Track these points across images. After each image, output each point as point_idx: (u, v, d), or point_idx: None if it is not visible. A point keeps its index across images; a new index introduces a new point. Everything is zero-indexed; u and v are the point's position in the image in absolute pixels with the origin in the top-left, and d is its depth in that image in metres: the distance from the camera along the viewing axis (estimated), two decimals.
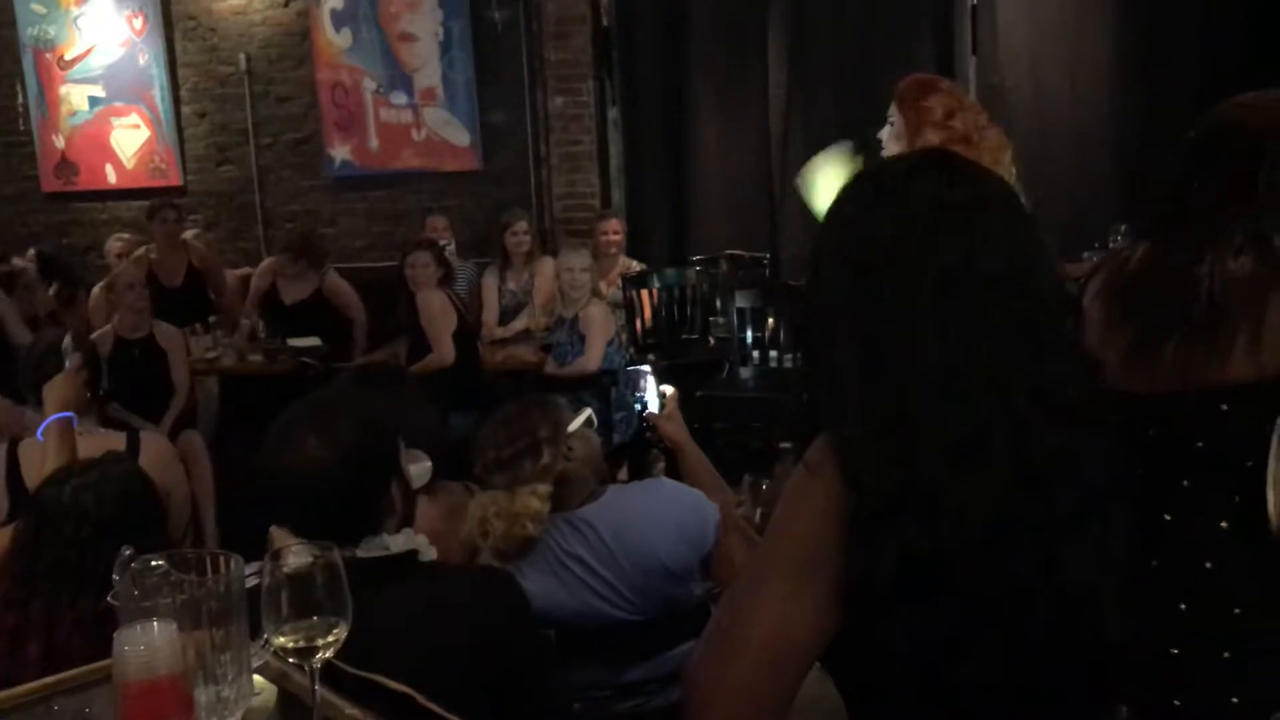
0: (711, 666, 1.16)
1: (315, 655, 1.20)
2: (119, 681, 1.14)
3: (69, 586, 1.90)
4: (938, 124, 3.23)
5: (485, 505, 2.33)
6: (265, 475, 1.69)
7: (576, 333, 5.07)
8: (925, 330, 1.11)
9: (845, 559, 1.10)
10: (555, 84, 6.67)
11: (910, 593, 1.08)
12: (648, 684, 2.38)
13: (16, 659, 1.88)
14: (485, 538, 2.31)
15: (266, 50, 7.24)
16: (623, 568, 2.32)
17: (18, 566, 1.96)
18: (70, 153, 7.62)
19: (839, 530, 1.10)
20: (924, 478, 1.08)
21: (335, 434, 1.67)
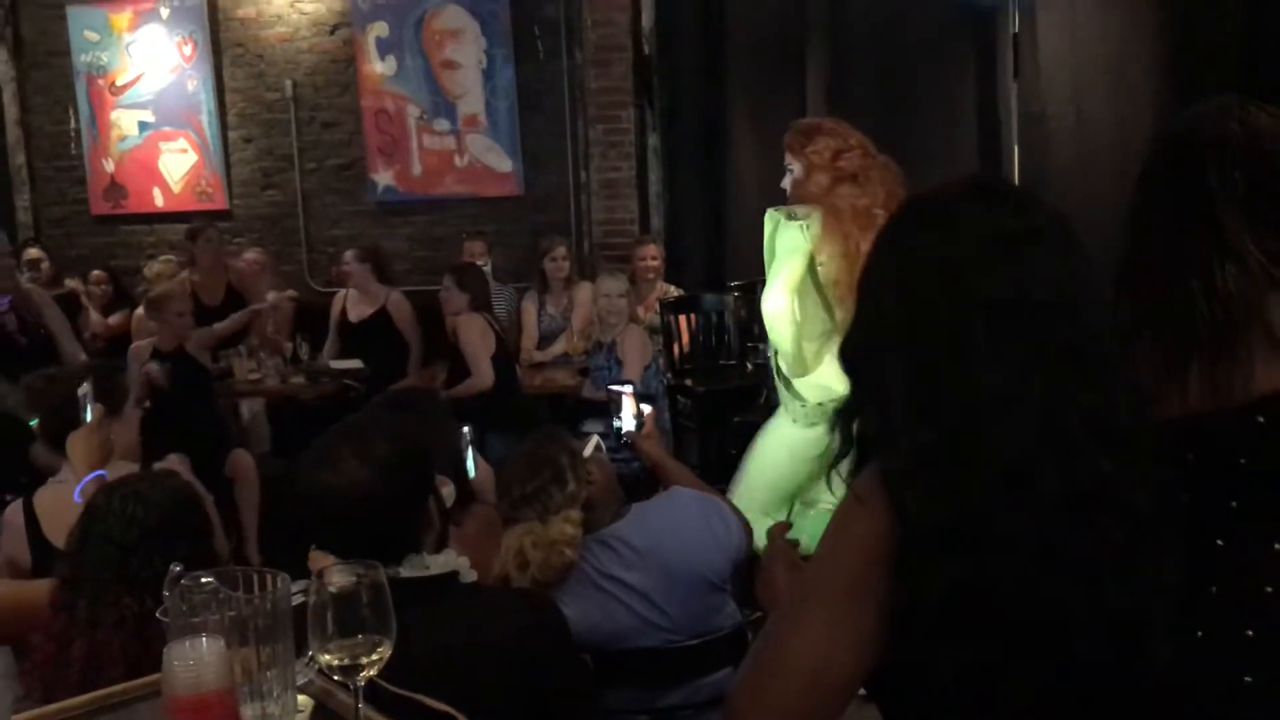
0: (754, 692, 1.16)
1: (360, 673, 1.22)
2: (168, 696, 1.16)
3: (113, 587, 1.94)
4: (825, 166, 3.39)
5: (520, 536, 2.33)
6: (305, 497, 1.72)
7: (614, 357, 5.10)
8: (976, 359, 1.11)
9: (891, 588, 1.10)
10: (596, 111, 6.73)
11: (958, 622, 1.08)
12: (682, 709, 2.38)
13: (60, 659, 1.92)
14: (523, 569, 2.30)
15: (312, 77, 7.35)
16: (660, 578, 2.33)
17: (66, 571, 2.00)
18: (119, 176, 7.76)
19: (885, 560, 1.10)
20: (973, 507, 1.08)
21: (373, 454, 1.70)
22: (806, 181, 3.43)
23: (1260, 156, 1.46)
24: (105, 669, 1.85)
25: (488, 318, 5.46)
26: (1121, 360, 1.20)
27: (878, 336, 1.18)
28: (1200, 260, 1.46)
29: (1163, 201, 1.54)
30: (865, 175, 3.35)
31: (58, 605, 1.98)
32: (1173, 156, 1.55)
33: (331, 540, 1.68)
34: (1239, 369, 1.45)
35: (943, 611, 1.07)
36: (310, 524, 1.74)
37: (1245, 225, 1.45)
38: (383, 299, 6.28)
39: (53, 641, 1.94)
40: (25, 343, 4.49)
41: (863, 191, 3.35)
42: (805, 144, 3.47)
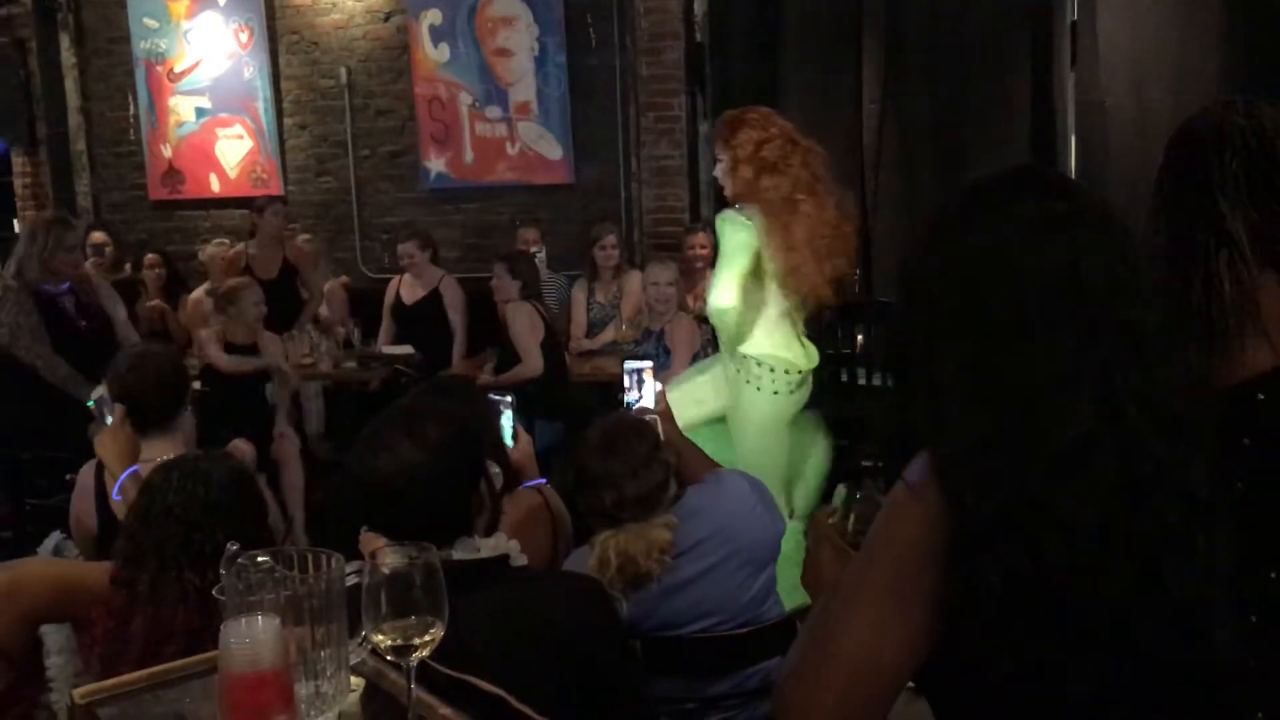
0: (803, 683, 1.16)
1: (412, 654, 1.23)
2: (224, 673, 1.18)
3: (175, 562, 1.98)
4: (749, 158, 3.48)
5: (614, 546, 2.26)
6: (358, 480, 1.74)
7: (663, 345, 5.10)
8: (1031, 342, 1.10)
9: (945, 579, 1.09)
10: (647, 99, 6.72)
11: (1015, 613, 1.07)
12: (730, 698, 2.38)
13: (120, 635, 1.96)
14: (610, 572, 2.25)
15: (366, 64, 7.40)
16: (716, 565, 2.32)
17: (127, 548, 2.04)
18: (177, 162, 7.87)
19: (938, 550, 1.09)
20: (1031, 493, 1.07)
21: (425, 436, 1.73)
22: (733, 173, 3.52)
23: (1259, 144, 1.52)
24: (165, 643, 1.89)
25: (537, 305, 5.48)
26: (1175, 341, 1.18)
27: (929, 325, 1.17)
28: (1200, 250, 1.52)
29: (1170, 197, 1.61)
30: (785, 162, 3.46)
31: (118, 581, 2.02)
32: (1180, 153, 1.62)
33: (384, 522, 1.70)
34: (1234, 352, 1.48)
35: (1000, 603, 1.06)
36: (363, 506, 1.76)
37: (1240, 210, 1.51)
38: (436, 281, 6.36)
39: (113, 617, 1.98)
40: (84, 325, 4.56)
41: (783, 178, 3.46)
42: (729, 136, 3.56)
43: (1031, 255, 1.13)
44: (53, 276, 4.49)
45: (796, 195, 3.46)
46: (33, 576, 2.35)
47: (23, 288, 4.39)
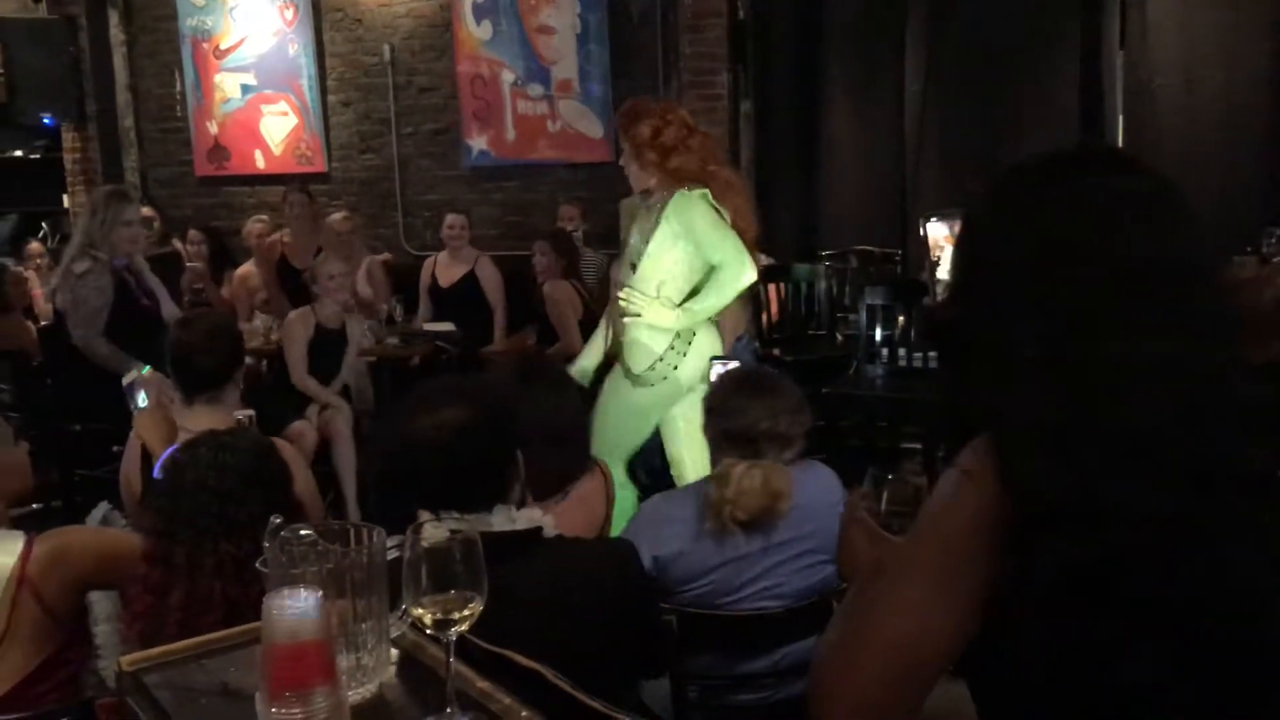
0: (842, 663, 1.15)
1: (452, 628, 1.25)
2: (267, 643, 1.20)
3: (211, 533, 2.00)
4: (648, 144, 3.58)
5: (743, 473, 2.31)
6: (399, 442, 1.77)
7: None
8: (1107, 321, 1.08)
9: (996, 565, 1.07)
10: (689, 77, 6.69)
11: (1073, 599, 1.05)
12: (765, 677, 2.39)
13: (159, 608, 1.99)
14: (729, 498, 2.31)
15: (409, 42, 7.42)
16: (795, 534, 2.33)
17: (160, 523, 2.07)
18: (223, 138, 7.95)
19: (989, 536, 1.08)
20: (1097, 480, 1.05)
21: (466, 399, 1.77)
22: (638, 159, 3.64)
23: None
24: (204, 614, 1.92)
25: (576, 283, 5.49)
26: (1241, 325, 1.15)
27: (996, 306, 1.15)
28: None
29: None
30: (684, 145, 3.57)
31: (154, 558, 2.04)
32: None
33: (423, 485, 1.73)
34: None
35: (1057, 590, 1.05)
36: (402, 470, 1.78)
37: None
38: (472, 262, 6.39)
39: (151, 593, 2.01)
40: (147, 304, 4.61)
41: (689, 155, 3.60)
42: (629, 126, 3.67)
43: (1111, 233, 1.10)
44: (113, 251, 4.52)
45: (709, 166, 3.61)
46: (79, 543, 2.41)
47: (103, 266, 4.43)
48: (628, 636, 1.74)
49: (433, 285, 6.46)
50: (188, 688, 1.38)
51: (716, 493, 2.31)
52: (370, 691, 1.32)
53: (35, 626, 2.27)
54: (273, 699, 1.18)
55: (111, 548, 2.49)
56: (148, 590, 2.02)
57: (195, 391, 3.11)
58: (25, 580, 2.25)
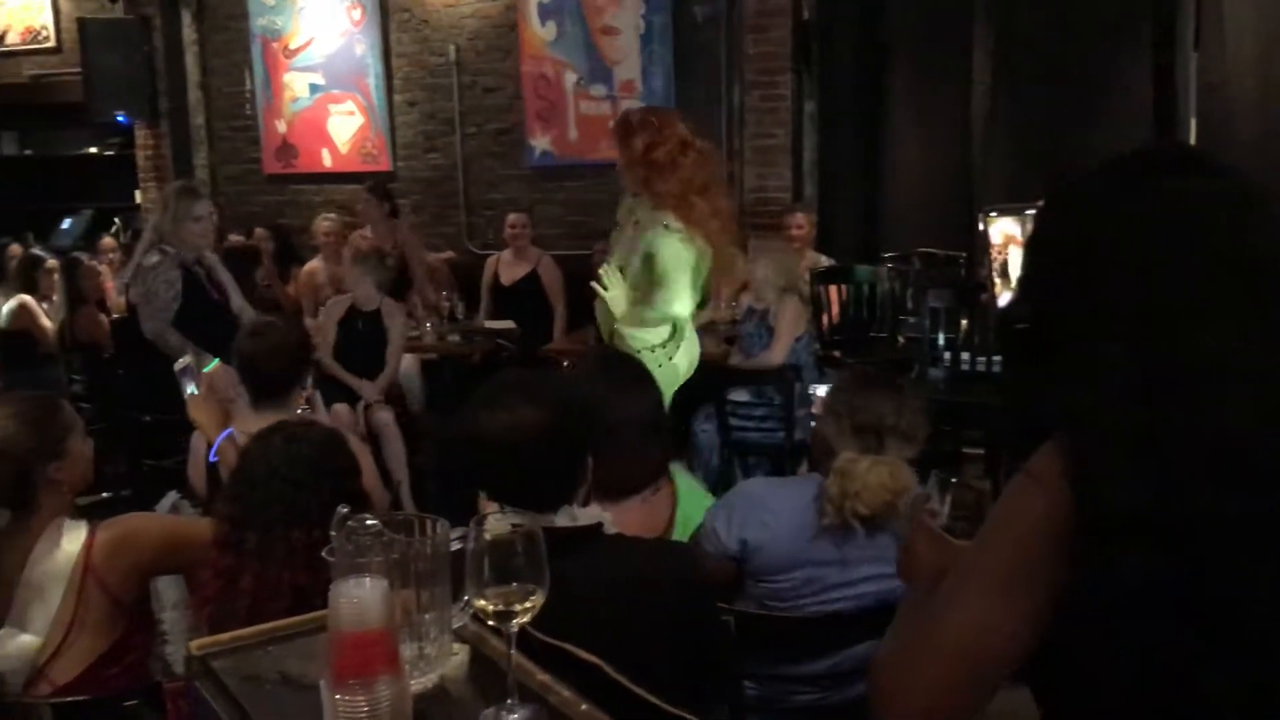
0: (903, 667, 1.14)
1: (513, 620, 1.26)
2: (333, 630, 1.22)
3: (282, 521, 2.04)
4: (639, 160, 3.62)
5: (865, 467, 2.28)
6: (474, 439, 1.77)
7: (766, 325, 5.08)
8: (1197, 322, 1.06)
9: (1065, 571, 1.05)
10: (752, 77, 6.67)
11: (1151, 609, 1.02)
12: (822, 679, 2.37)
13: (228, 593, 2.03)
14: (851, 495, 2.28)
15: (475, 42, 7.49)
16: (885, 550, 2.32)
17: (232, 510, 2.11)
18: (291, 137, 8.07)
19: (1058, 541, 1.06)
20: (1182, 489, 1.02)
21: (545, 399, 1.76)
22: (629, 171, 3.69)
23: None
24: (273, 600, 1.96)
25: None
26: None
27: (1077, 305, 1.12)
28: None
29: None
30: (675, 165, 3.59)
31: (225, 543, 2.09)
32: None
33: (495, 482, 1.73)
34: None
35: (1135, 600, 1.02)
36: (474, 465, 1.79)
37: None
38: (534, 261, 6.44)
39: (221, 578, 2.05)
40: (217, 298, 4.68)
41: (673, 180, 3.60)
42: (625, 138, 3.72)
43: (1205, 234, 1.08)
44: (182, 245, 4.60)
45: (689, 196, 3.61)
46: (143, 529, 2.47)
47: (172, 260, 4.52)
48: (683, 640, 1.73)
49: (495, 283, 6.52)
50: (253, 675, 1.40)
51: (838, 485, 2.26)
52: (432, 681, 1.33)
53: (102, 612, 2.33)
54: (337, 686, 1.20)
55: (174, 533, 2.56)
56: (218, 575, 2.06)
57: (261, 396, 3.18)
58: (90, 568, 2.31)
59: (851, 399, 2.40)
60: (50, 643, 2.28)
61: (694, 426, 5.04)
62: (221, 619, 1.99)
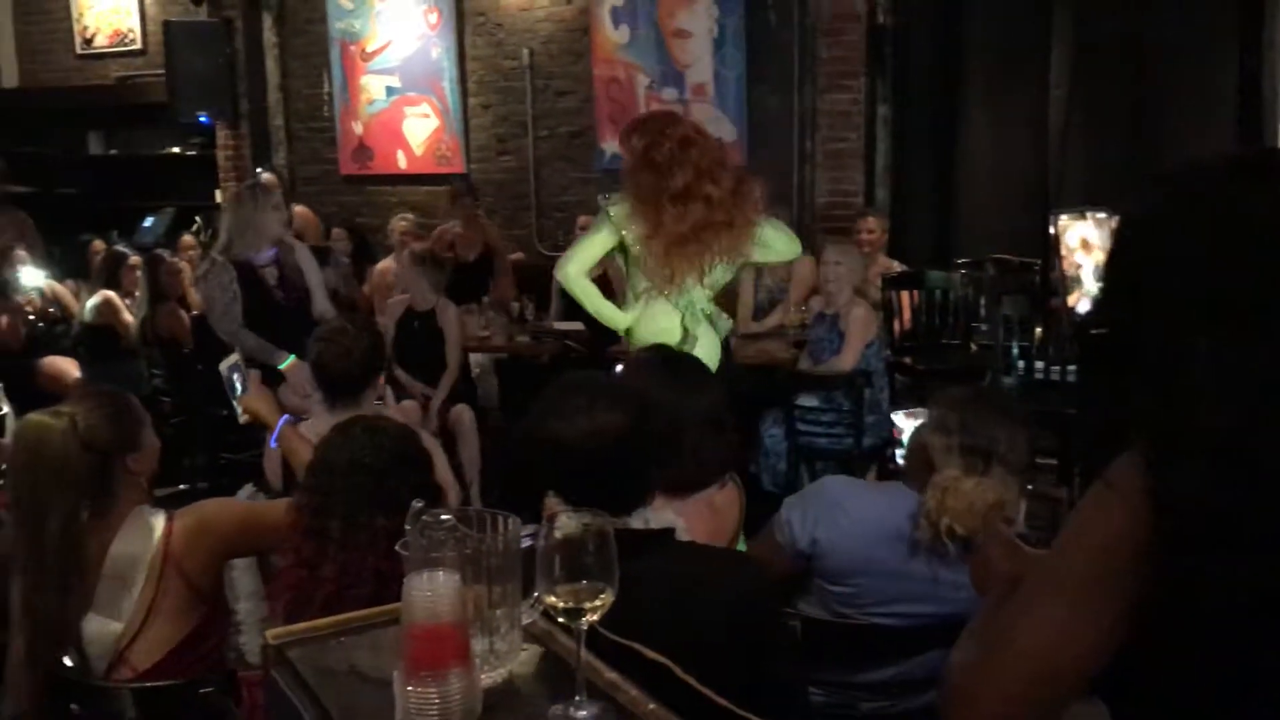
0: (977, 676, 1.13)
1: (582, 617, 1.26)
2: (406, 623, 1.24)
3: (366, 508, 2.08)
4: (638, 158, 3.74)
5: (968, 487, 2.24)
6: (547, 441, 1.77)
7: (836, 330, 5.04)
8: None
9: (1146, 583, 1.04)
10: (825, 81, 6.64)
11: (1241, 623, 1.00)
12: (889, 687, 2.35)
13: (310, 580, 2.08)
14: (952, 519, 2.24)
15: (548, 46, 7.54)
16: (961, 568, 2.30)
17: (315, 499, 2.15)
18: (367, 139, 8.20)
19: (1138, 553, 1.04)
20: (1272, 493, 0.99)
21: (624, 402, 1.76)
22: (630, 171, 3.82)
23: None
24: (355, 586, 2.00)
25: None
26: None
27: (1167, 310, 1.10)
28: None
29: None
30: (672, 164, 3.69)
31: (307, 531, 2.13)
32: None
33: (569, 485, 1.73)
34: None
35: (1223, 613, 1.00)
36: (548, 468, 1.79)
37: None
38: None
39: (303, 565, 2.10)
40: (281, 297, 4.73)
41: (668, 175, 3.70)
42: (627, 137, 3.87)
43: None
44: (262, 238, 4.65)
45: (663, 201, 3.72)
46: (219, 514, 2.53)
47: (225, 264, 4.60)
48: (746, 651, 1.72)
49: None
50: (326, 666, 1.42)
51: (936, 500, 2.24)
52: (501, 677, 1.35)
53: (180, 599, 2.38)
54: (410, 678, 1.22)
55: (246, 512, 2.62)
56: (301, 564, 2.10)
57: (335, 397, 3.24)
58: (170, 555, 2.36)
59: (965, 418, 2.34)
60: (130, 628, 2.34)
61: (761, 431, 5.02)
62: (299, 607, 2.03)
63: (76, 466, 2.28)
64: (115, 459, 2.38)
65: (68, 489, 2.27)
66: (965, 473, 2.25)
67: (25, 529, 2.28)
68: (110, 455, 2.37)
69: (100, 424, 2.35)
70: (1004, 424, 2.33)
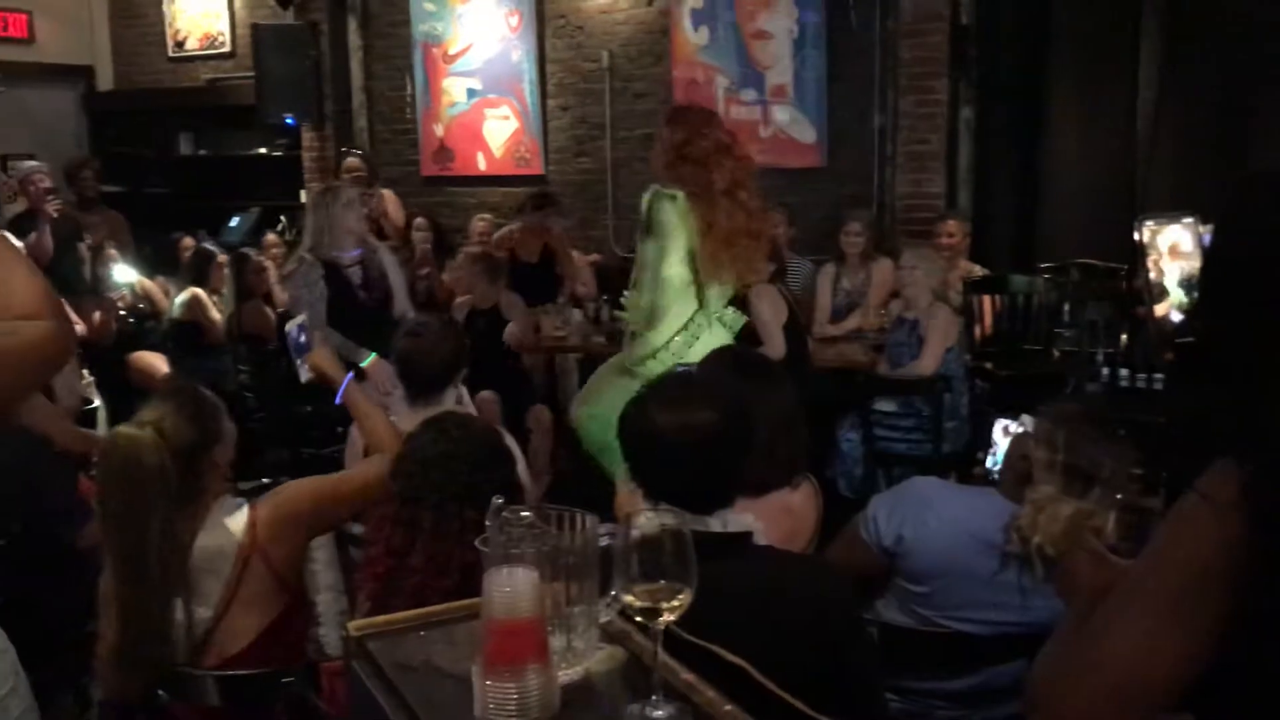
0: (1063, 687, 1.11)
1: (659, 617, 1.26)
2: (485, 618, 1.25)
3: (458, 499, 2.12)
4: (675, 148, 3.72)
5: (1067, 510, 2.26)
6: (638, 434, 1.78)
7: (916, 335, 4.99)
8: None
9: (1240, 597, 1.01)
10: (907, 82, 6.56)
11: None
12: (968, 696, 2.32)
13: (399, 569, 2.11)
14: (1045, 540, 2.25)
15: (627, 48, 7.56)
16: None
17: (406, 489, 2.19)
18: (448, 140, 8.29)
19: (1231, 566, 1.01)
20: None
21: (719, 401, 1.77)
22: (660, 157, 3.79)
23: None
24: (442, 578, 2.03)
25: (781, 288, 5.46)
26: None
27: (1265, 318, 1.08)
28: None
29: None
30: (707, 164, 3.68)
31: (397, 520, 2.16)
32: None
33: (659, 480, 1.74)
34: None
35: None
36: (640, 463, 1.79)
37: None
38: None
39: (392, 555, 2.13)
40: (364, 297, 4.80)
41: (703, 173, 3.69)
42: (667, 125, 3.86)
43: None
44: (346, 237, 4.73)
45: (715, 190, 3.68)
46: (296, 495, 2.58)
47: (313, 262, 4.68)
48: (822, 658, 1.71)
49: None
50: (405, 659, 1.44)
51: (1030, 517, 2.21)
52: (578, 674, 1.35)
53: (264, 586, 2.43)
54: (488, 672, 1.23)
55: (320, 484, 2.66)
56: (389, 552, 2.13)
57: (418, 393, 3.29)
58: (256, 544, 2.41)
59: (1073, 437, 2.31)
60: (216, 616, 2.39)
61: (838, 436, 4.98)
62: (389, 595, 2.06)
63: (169, 475, 2.32)
64: (202, 455, 2.44)
65: (163, 497, 2.32)
66: (1063, 492, 2.21)
67: (122, 535, 2.32)
68: (197, 454, 2.42)
69: (184, 426, 2.40)
70: (1111, 449, 2.28)
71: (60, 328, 1.78)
